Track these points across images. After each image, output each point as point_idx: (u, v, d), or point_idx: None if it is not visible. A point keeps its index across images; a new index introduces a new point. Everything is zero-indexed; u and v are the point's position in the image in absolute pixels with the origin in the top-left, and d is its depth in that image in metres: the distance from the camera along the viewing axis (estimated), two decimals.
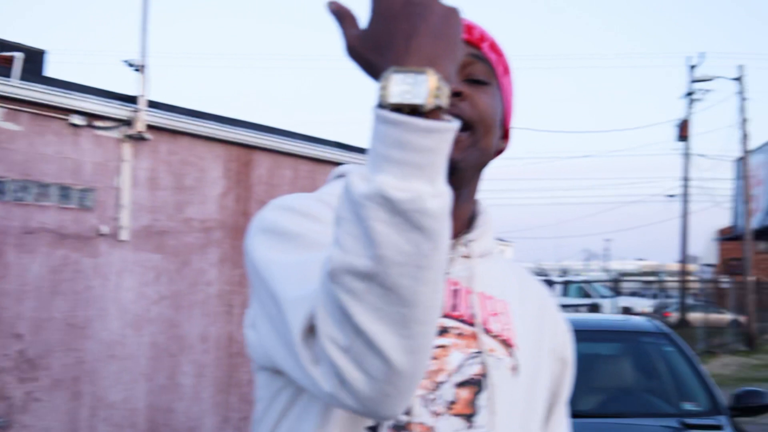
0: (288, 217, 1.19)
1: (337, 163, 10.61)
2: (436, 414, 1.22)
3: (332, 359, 0.94)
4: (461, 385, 1.23)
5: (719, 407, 4.53)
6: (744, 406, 4.47)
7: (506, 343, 1.29)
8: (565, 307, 23.43)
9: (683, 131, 30.01)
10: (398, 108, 0.90)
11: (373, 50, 0.96)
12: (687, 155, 30.28)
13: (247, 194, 9.36)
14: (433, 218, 0.89)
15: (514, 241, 67.74)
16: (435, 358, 1.22)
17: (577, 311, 22.49)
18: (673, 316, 27.18)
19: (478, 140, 1.26)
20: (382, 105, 0.92)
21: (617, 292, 28.65)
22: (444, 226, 0.91)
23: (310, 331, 0.99)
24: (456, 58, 0.96)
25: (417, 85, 0.90)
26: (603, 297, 27.26)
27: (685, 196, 30.62)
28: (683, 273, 30.85)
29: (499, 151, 1.36)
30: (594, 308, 25.14)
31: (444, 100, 0.91)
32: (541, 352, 1.36)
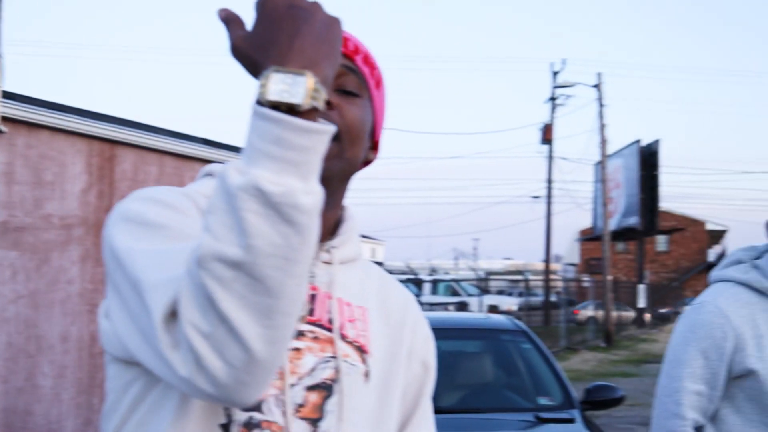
0: (153, 208, 1.18)
1: (205, 160, 10.45)
2: (285, 415, 1.23)
3: (192, 345, 0.95)
4: (311, 388, 1.24)
5: (572, 401, 4.73)
6: (595, 400, 4.68)
7: (361, 350, 1.31)
8: (433, 305, 23.84)
9: (547, 135, 31.09)
10: (276, 106, 0.93)
11: (256, 49, 0.99)
12: (550, 158, 31.37)
13: (110, 190, 9.10)
14: (304, 214, 0.93)
15: (385, 240, 68.47)
16: (289, 360, 1.23)
17: (445, 309, 22.91)
18: (582, 314, 28.06)
19: (345, 150, 1.27)
20: (260, 102, 0.94)
21: (485, 290, 29.32)
22: (314, 222, 0.94)
23: (172, 316, 0.99)
24: (335, 64, 1.00)
25: (295, 86, 0.94)
26: (471, 295, 27.84)
27: (549, 198, 31.72)
28: (547, 272, 31.91)
29: (367, 162, 1.38)
30: (462, 306, 25.66)
31: (320, 103, 0.95)
32: (399, 357, 1.38)
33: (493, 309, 25.78)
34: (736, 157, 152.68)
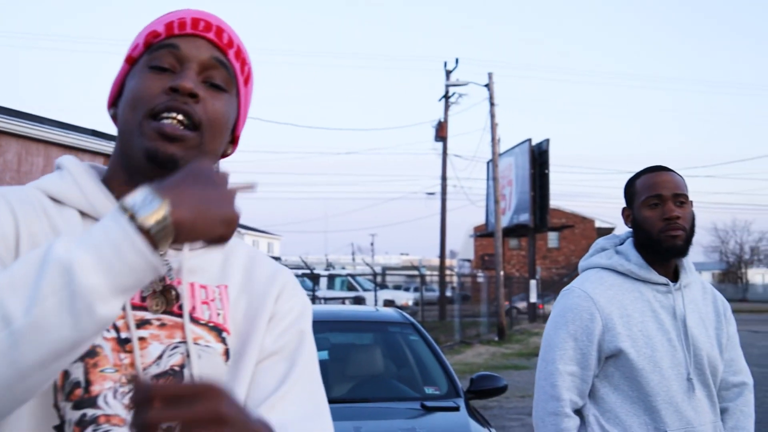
0: None
1: (94, 152, 10.21)
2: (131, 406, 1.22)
3: None
4: (159, 376, 1.23)
5: (457, 390, 4.85)
6: (479, 389, 4.81)
7: (218, 329, 1.30)
8: (329, 299, 23.87)
9: (441, 132, 31.48)
10: (127, 212, 0.99)
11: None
12: (444, 155, 31.79)
13: None
14: (92, 319, 0.96)
15: (281, 235, 68.09)
16: (130, 351, 1.21)
17: (342, 303, 22.96)
18: (546, 308, 28.40)
19: (204, 142, 1.29)
20: (122, 205, 1.00)
21: (381, 285, 29.48)
22: (94, 333, 0.98)
23: None
24: (204, 226, 1.04)
25: (148, 203, 1.00)
26: (367, 290, 28.01)
27: (444, 195, 32.14)
28: (443, 268, 32.32)
29: (225, 155, 1.40)
30: (358, 301, 25.78)
31: (159, 235, 0.99)
32: (257, 328, 1.35)
33: (389, 303, 25.99)
34: (623, 157, 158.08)
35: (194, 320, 1.28)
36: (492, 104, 26.73)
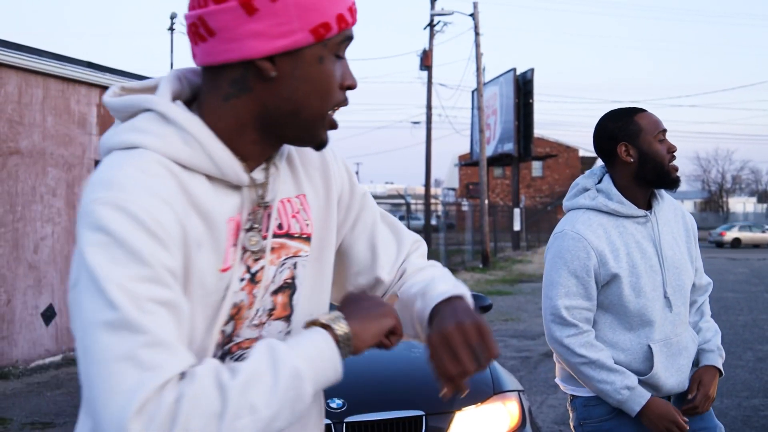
0: (129, 225, 1.19)
1: (90, 84, 10.41)
2: (260, 324, 1.40)
3: None
4: (276, 292, 1.41)
5: None
6: None
7: (308, 238, 1.46)
8: None
9: (426, 60, 31.46)
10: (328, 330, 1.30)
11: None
12: (429, 84, 31.86)
13: None
14: (298, 414, 1.23)
15: None
16: (258, 281, 1.38)
17: None
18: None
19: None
20: (321, 322, 1.31)
21: None
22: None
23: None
24: (372, 340, 1.35)
25: (339, 321, 1.31)
26: None
27: (429, 123, 32.29)
28: (428, 196, 32.66)
29: None
30: None
31: (346, 347, 1.30)
32: (331, 219, 1.53)
33: None
34: (606, 86, 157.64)
35: (290, 236, 1.44)
36: (477, 34, 26.78)
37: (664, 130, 2.83)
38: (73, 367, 9.44)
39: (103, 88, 10.63)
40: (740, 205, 76.86)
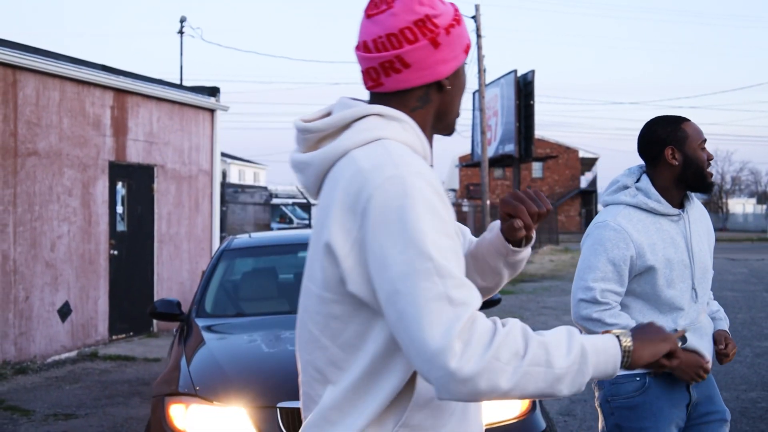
0: (444, 206, 1.56)
1: (104, 86, 10.67)
2: None
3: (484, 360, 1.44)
4: None
5: None
6: None
7: None
8: None
9: None
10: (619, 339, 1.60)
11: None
12: None
13: (14, 114, 9.28)
14: (572, 391, 1.54)
15: (267, 164, 68.38)
16: None
17: None
18: None
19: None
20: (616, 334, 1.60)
21: None
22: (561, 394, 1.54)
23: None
24: (645, 360, 1.63)
25: (627, 336, 1.60)
26: None
27: None
28: None
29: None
30: None
31: (626, 357, 1.59)
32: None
33: None
34: (606, 87, 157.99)
35: None
36: (479, 36, 27.00)
37: (705, 140, 3.15)
38: (89, 363, 9.70)
39: (117, 90, 10.89)
40: (740, 206, 77.01)
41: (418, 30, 1.67)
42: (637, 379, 3.05)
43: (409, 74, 1.68)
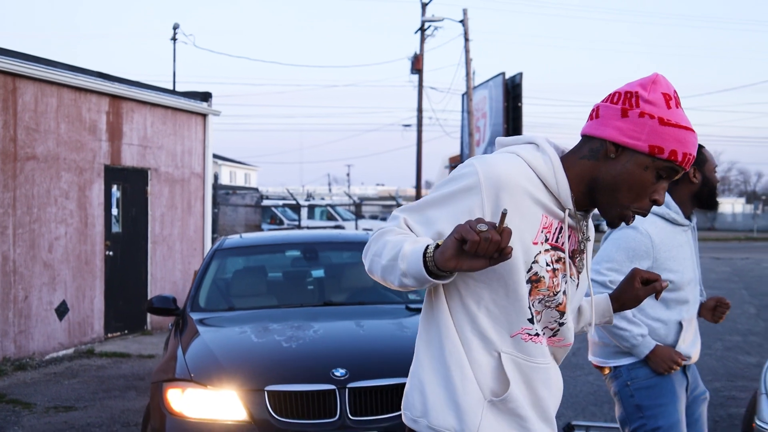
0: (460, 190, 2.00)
1: (100, 93, 11.03)
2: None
3: None
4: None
5: None
6: None
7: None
8: (311, 229, 24.85)
9: (417, 65, 32.07)
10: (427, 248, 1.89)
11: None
12: (420, 87, 32.48)
13: (14, 120, 9.63)
14: (397, 279, 1.95)
15: (258, 166, 68.62)
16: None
17: None
18: None
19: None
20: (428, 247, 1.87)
21: (359, 215, 30.34)
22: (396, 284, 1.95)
23: None
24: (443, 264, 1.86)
25: (434, 248, 1.88)
26: (346, 220, 28.95)
27: (419, 126, 32.91)
28: (418, 197, 33.23)
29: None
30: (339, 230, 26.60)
31: (431, 263, 1.87)
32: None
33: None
34: (594, 89, 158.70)
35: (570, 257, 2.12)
36: (466, 40, 27.41)
37: (717, 165, 3.66)
38: (85, 359, 10.07)
39: (112, 96, 11.25)
40: (729, 206, 77.52)
41: (623, 96, 1.96)
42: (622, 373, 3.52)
43: (595, 123, 2.01)
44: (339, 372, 4.42)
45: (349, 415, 4.33)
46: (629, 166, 1.94)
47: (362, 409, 4.37)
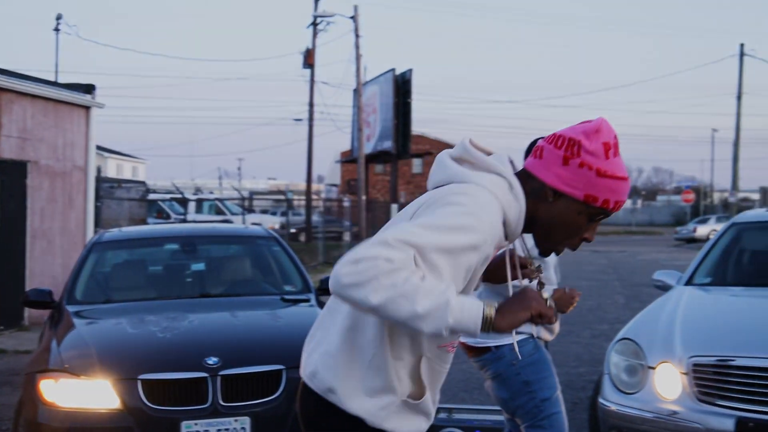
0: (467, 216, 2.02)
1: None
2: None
3: None
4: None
5: (309, 288, 6.14)
6: (326, 288, 6.10)
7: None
8: (198, 223, 24.64)
9: (309, 59, 32.21)
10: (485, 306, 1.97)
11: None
12: (312, 82, 32.63)
13: None
14: (436, 331, 1.94)
15: (147, 159, 67.31)
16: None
17: None
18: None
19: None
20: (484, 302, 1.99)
21: (249, 209, 30.19)
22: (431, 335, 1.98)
23: None
24: (504, 329, 2.00)
25: (492, 306, 1.99)
26: (234, 214, 28.78)
27: (311, 121, 33.07)
28: (309, 192, 33.38)
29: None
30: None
31: (487, 322, 1.97)
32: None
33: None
34: (485, 86, 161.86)
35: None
36: (357, 36, 27.71)
37: None
38: None
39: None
40: None
41: (567, 143, 2.09)
42: (530, 341, 3.80)
43: (538, 164, 2.14)
44: (212, 360, 4.58)
45: (221, 401, 4.51)
46: (565, 210, 2.11)
47: (235, 395, 4.55)
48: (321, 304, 5.88)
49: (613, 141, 2.11)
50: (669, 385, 4.65)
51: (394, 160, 35.18)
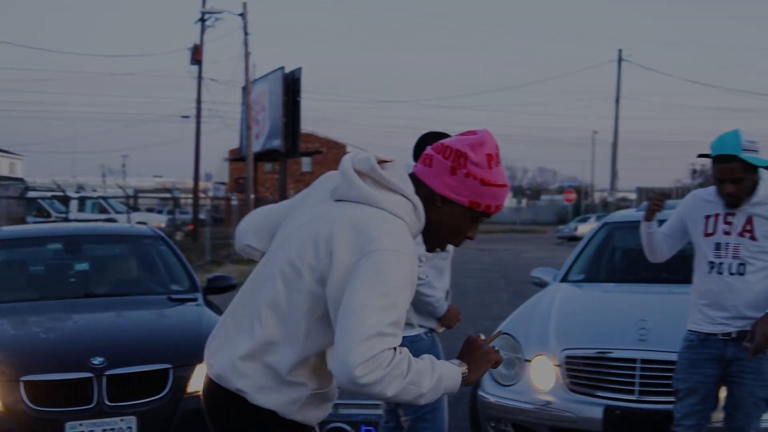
0: (408, 272, 2.22)
1: None
2: None
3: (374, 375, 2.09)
4: None
5: (196, 287, 6.14)
6: (213, 287, 6.15)
7: None
8: (81, 221, 23.97)
9: (196, 55, 31.74)
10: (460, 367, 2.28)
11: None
12: (200, 78, 32.19)
13: None
14: (428, 399, 2.22)
15: (26, 154, 64.98)
16: None
17: None
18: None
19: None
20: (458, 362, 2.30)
21: (134, 208, 29.55)
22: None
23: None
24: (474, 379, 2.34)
25: (461, 365, 2.29)
26: (119, 213, 28.09)
27: (198, 118, 32.61)
28: (196, 190, 32.90)
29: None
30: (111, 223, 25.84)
31: (463, 378, 2.29)
32: None
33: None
34: (377, 86, 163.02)
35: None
36: (246, 33, 27.54)
37: None
38: None
39: None
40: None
41: (454, 154, 2.28)
42: (425, 337, 4.02)
43: (428, 172, 2.32)
44: (97, 360, 4.56)
45: (106, 401, 4.50)
46: (451, 213, 2.34)
47: (121, 395, 4.54)
48: (208, 303, 5.90)
49: (495, 151, 2.32)
50: (543, 376, 4.90)
51: (283, 159, 35.00)
